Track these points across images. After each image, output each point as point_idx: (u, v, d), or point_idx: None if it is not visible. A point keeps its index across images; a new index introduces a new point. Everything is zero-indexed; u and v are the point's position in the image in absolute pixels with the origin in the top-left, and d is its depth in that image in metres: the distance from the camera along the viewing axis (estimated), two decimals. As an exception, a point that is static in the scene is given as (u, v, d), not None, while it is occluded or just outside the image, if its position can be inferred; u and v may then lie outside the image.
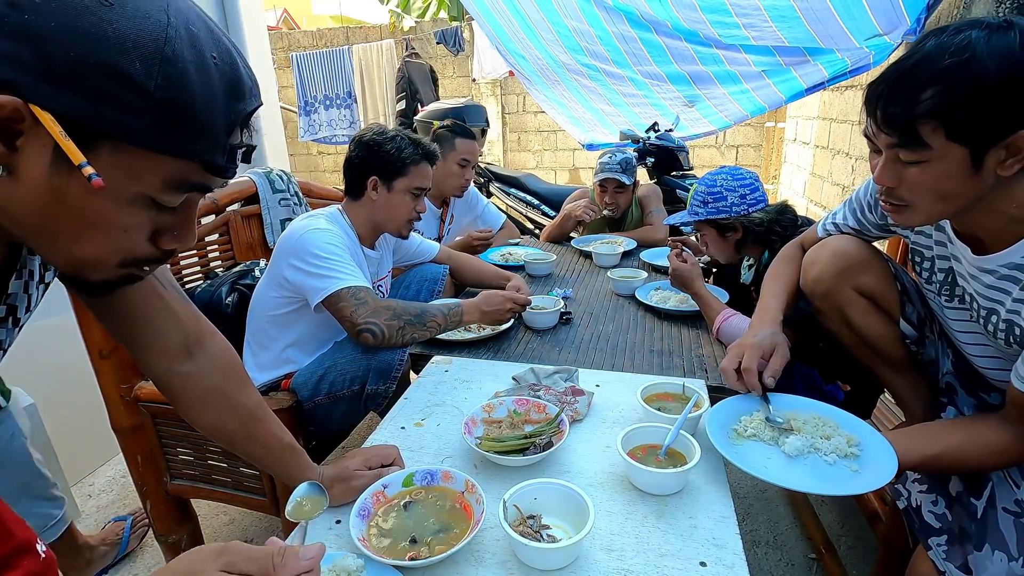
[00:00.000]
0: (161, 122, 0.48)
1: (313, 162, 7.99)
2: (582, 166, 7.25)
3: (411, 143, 1.58)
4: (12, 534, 0.49)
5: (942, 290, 1.08)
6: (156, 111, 0.48)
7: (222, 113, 0.52)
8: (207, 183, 0.56)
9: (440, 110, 3.82)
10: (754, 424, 1.05)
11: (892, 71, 0.84)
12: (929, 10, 2.72)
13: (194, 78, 0.49)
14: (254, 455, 0.93)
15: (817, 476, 0.93)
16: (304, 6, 16.87)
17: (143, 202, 0.53)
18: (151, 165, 0.51)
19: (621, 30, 3.67)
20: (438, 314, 1.44)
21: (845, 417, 1.05)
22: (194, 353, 0.86)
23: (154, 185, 0.52)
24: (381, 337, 1.34)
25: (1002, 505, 0.91)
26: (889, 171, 0.88)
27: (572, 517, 0.82)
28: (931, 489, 1.02)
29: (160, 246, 0.58)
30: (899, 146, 0.84)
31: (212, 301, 1.60)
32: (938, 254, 1.06)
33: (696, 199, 1.74)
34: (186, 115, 0.49)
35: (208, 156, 0.52)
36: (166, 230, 0.58)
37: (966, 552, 0.91)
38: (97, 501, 2.00)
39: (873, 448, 0.97)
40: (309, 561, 0.54)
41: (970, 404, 1.13)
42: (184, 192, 0.55)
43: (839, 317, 1.24)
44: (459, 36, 6.15)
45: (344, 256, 1.41)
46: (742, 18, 3.31)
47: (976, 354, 1.06)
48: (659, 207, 2.67)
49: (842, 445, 0.97)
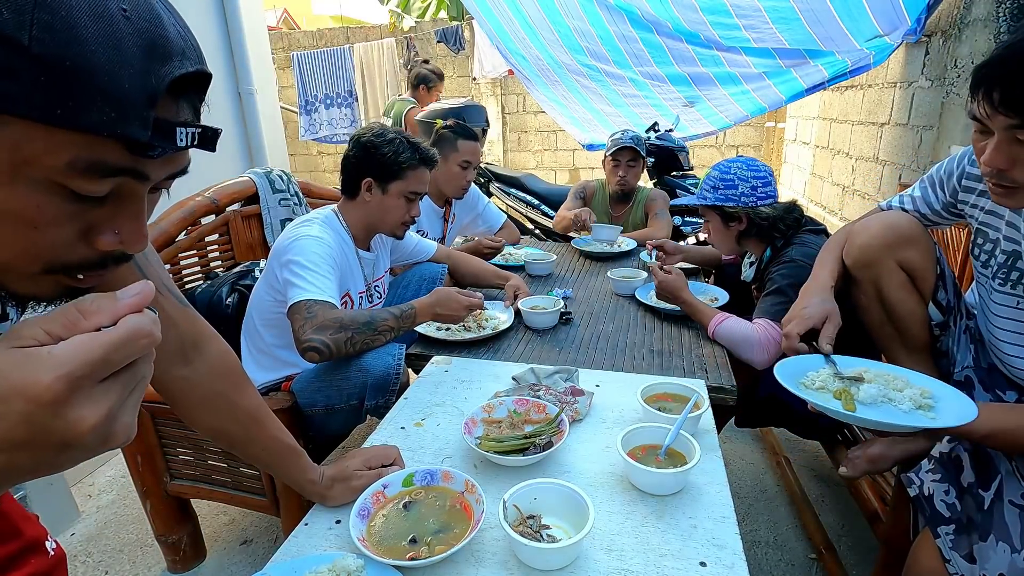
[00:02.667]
0: (44, 85, 0.38)
1: (313, 162, 7.99)
2: (582, 166, 7.26)
3: (409, 146, 1.56)
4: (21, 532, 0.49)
5: (998, 273, 1.09)
6: (35, 71, 0.38)
7: (136, 75, 0.41)
8: (136, 167, 0.44)
9: (440, 110, 3.82)
10: (821, 378, 1.06)
11: (1007, 52, 0.84)
12: (929, 10, 2.72)
13: (87, 31, 0.39)
14: (254, 456, 0.93)
15: (892, 415, 0.95)
16: (304, 6, 16.88)
17: (54, 191, 0.42)
18: (46, 142, 0.40)
19: (622, 30, 3.67)
20: (388, 317, 1.39)
21: (915, 375, 1.06)
22: (192, 357, 0.85)
23: (57, 168, 0.41)
24: (328, 352, 1.28)
25: (1009, 498, 0.93)
26: (1003, 152, 0.88)
27: (572, 517, 0.82)
28: (944, 479, 1.04)
29: (97, 247, 0.47)
30: (1019, 127, 0.84)
31: (212, 302, 1.60)
32: (1006, 235, 1.08)
33: (707, 183, 1.74)
34: (79, 77, 0.39)
35: (121, 130, 0.41)
36: (102, 227, 0.46)
37: (972, 542, 0.92)
38: (97, 501, 2.00)
39: (947, 399, 0.97)
40: (134, 299, 0.39)
41: (985, 400, 1.15)
42: (105, 177, 0.43)
43: (873, 289, 1.25)
44: (460, 35, 6.15)
45: (323, 267, 1.38)
46: (742, 19, 3.31)
47: (1010, 341, 1.08)
48: (664, 211, 2.68)
49: (916, 396, 0.98)
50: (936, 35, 2.84)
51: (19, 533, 0.49)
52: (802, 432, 1.69)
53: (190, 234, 1.71)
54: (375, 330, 1.36)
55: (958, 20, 2.56)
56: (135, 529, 1.86)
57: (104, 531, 1.86)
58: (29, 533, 0.49)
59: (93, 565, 1.72)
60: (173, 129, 0.44)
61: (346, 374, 1.36)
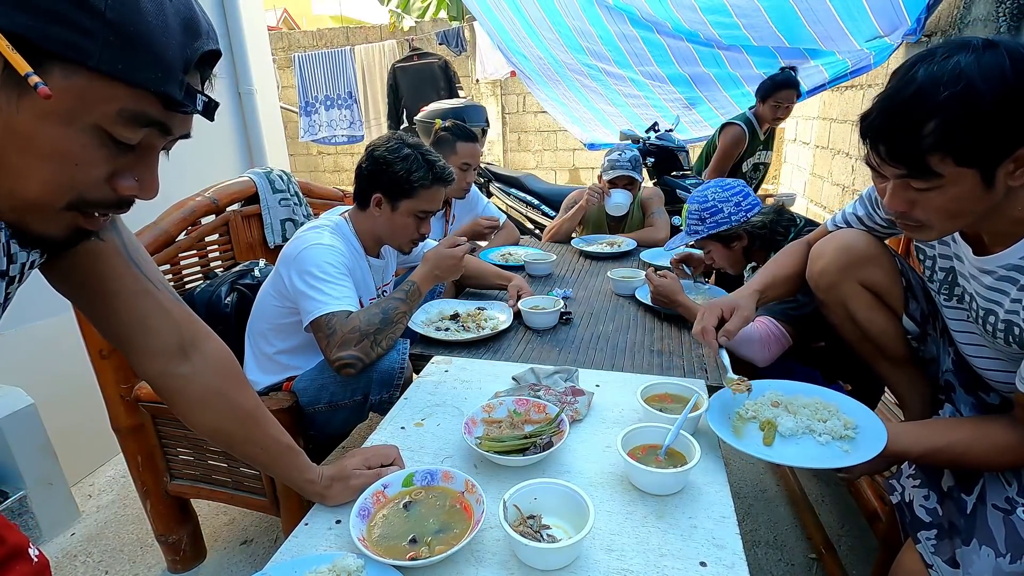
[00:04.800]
0: (113, 45, 0.48)
1: (313, 162, 7.99)
2: (582, 166, 7.25)
3: (424, 164, 1.49)
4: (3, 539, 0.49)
5: (942, 288, 1.09)
6: (107, 33, 0.47)
7: (177, 47, 0.52)
8: (165, 121, 0.54)
9: (440, 110, 3.82)
10: (755, 407, 1.07)
11: (887, 104, 0.84)
12: (929, 10, 2.72)
13: (146, 6, 0.49)
14: (253, 456, 0.93)
15: (803, 453, 0.97)
16: (304, 6, 16.88)
17: (98, 135, 0.52)
18: (104, 92, 0.50)
19: (623, 29, 3.67)
20: (398, 304, 1.39)
21: (848, 403, 1.06)
22: (190, 354, 0.85)
23: (108, 115, 0.51)
24: (361, 364, 1.30)
25: (992, 502, 0.92)
26: (899, 197, 0.89)
27: (572, 517, 0.82)
28: (924, 484, 1.04)
29: (117, 190, 0.56)
30: (908, 176, 0.84)
31: (212, 301, 1.60)
32: (940, 253, 1.07)
33: (692, 218, 1.75)
34: (138, 40, 0.49)
35: (164, 87, 0.51)
36: (125, 173, 0.56)
37: (954, 547, 0.92)
38: (97, 501, 2.00)
39: (869, 431, 0.98)
40: None
41: (968, 403, 1.14)
42: (142, 127, 0.53)
43: (843, 311, 1.25)
44: (461, 36, 6.15)
45: (338, 277, 1.38)
46: (742, 19, 3.31)
47: (972, 354, 1.07)
48: (660, 209, 2.68)
49: (837, 427, 0.99)
50: (936, 35, 2.84)
51: (2, 540, 0.49)
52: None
53: (190, 234, 1.70)
54: (391, 321, 1.36)
55: (958, 20, 2.56)
56: (135, 529, 1.86)
57: (104, 531, 1.86)
58: (12, 540, 0.50)
59: (93, 565, 1.72)
60: (195, 94, 0.54)
61: None
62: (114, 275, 0.77)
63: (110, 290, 0.77)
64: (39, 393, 1.81)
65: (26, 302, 0.92)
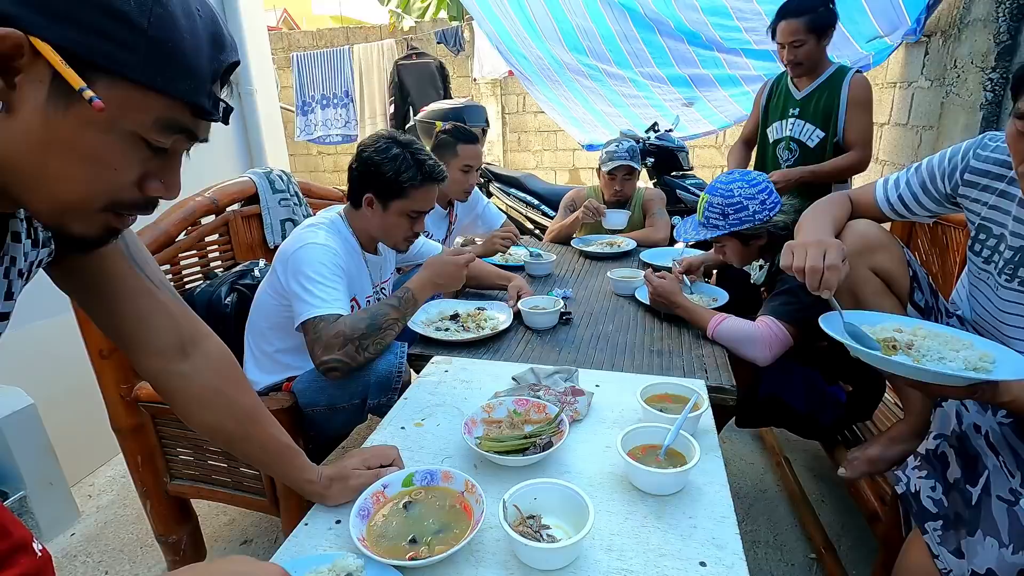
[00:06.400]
0: (153, 58, 0.52)
1: (313, 162, 7.99)
2: (582, 166, 7.25)
3: (414, 164, 1.47)
4: (9, 533, 0.49)
5: (1005, 268, 1.09)
6: (148, 48, 0.51)
7: (207, 59, 0.56)
8: (193, 128, 0.59)
9: (440, 110, 3.82)
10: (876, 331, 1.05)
11: None
12: (929, 10, 2.72)
13: (182, 22, 0.53)
14: (252, 456, 0.93)
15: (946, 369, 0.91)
16: (304, 6, 16.86)
17: (134, 141, 0.55)
18: (143, 102, 0.53)
19: (624, 28, 3.67)
20: (389, 310, 1.37)
21: (986, 342, 1.01)
22: (190, 353, 0.86)
23: (145, 123, 0.55)
24: (346, 368, 1.29)
25: (996, 493, 0.93)
26: None
27: (572, 517, 0.82)
28: (930, 475, 1.04)
29: (145, 192, 0.60)
30: None
31: (212, 301, 1.60)
32: (1012, 231, 1.08)
33: (713, 211, 1.63)
34: (175, 55, 0.53)
35: (196, 98, 0.56)
36: (153, 176, 0.60)
37: (960, 537, 0.93)
38: (97, 501, 2.00)
39: (1007, 363, 0.92)
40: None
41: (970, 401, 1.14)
42: (173, 133, 0.57)
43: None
44: (459, 36, 6.14)
45: (330, 278, 1.36)
46: (743, 22, 3.31)
47: (1019, 337, 1.07)
48: (662, 210, 2.68)
49: (972, 358, 0.93)
50: (936, 35, 2.84)
51: (8, 534, 0.49)
52: (802, 432, 1.69)
53: (190, 234, 1.70)
54: (379, 328, 1.34)
55: (958, 20, 2.56)
56: (135, 529, 1.86)
57: (104, 531, 1.86)
58: (17, 534, 0.50)
59: (93, 565, 1.72)
60: (218, 102, 0.59)
61: None
62: (117, 275, 0.78)
63: (112, 289, 0.78)
64: (39, 393, 1.81)
65: (26, 302, 0.92)
